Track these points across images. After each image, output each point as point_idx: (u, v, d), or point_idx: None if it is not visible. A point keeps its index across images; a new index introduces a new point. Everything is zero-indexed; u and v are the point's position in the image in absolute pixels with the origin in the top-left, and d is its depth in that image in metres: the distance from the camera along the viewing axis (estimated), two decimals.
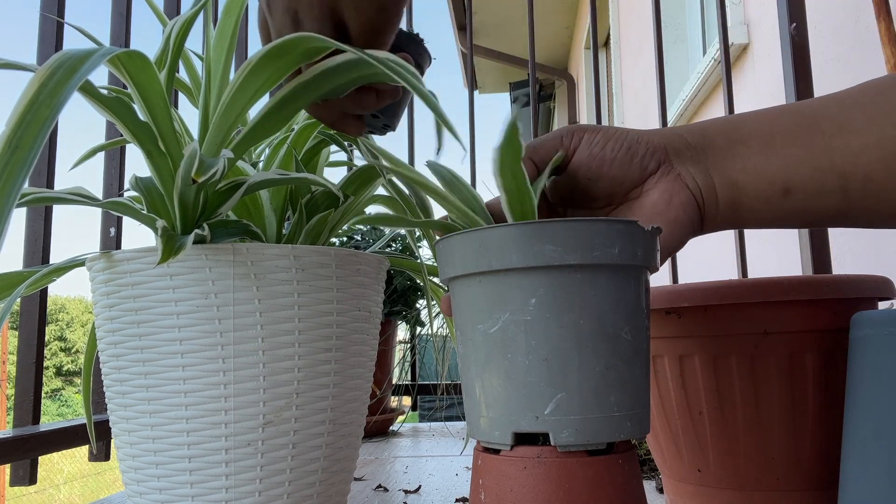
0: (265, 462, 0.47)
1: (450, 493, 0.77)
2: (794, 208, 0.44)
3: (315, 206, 0.55)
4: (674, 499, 0.59)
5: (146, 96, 0.45)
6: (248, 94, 0.43)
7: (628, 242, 0.37)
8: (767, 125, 0.44)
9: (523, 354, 0.36)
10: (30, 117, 0.29)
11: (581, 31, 5.41)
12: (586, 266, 0.36)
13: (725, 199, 0.44)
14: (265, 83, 0.43)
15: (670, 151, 0.44)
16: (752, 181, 0.44)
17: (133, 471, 0.48)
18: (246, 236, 0.49)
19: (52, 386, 13.62)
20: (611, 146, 0.43)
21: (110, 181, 0.99)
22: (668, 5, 3.12)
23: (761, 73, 2.00)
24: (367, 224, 0.42)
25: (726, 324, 0.52)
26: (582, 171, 0.44)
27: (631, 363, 0.37)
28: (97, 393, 0.94)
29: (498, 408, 0.37)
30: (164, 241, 0.41)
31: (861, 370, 0.42)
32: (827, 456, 0.52)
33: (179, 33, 0.49)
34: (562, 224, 0.36)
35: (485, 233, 0.37)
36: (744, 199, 0.44)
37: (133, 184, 0.48)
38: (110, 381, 0.49)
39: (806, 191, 0.43)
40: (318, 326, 0.48)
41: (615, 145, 0.43)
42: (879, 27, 1.07)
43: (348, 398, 0.52)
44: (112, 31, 1.03)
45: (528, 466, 0.36)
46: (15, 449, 0.75)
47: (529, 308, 0.36)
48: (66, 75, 0.32)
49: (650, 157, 0.44)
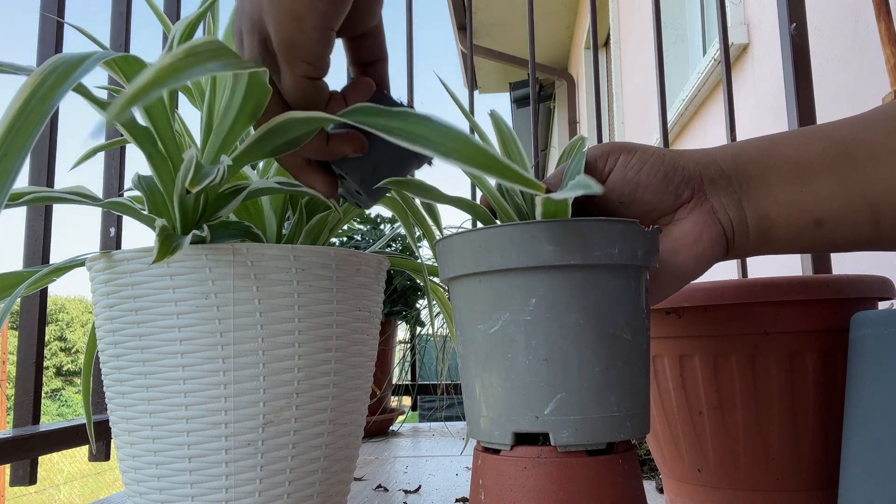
0: (265, 462, 0.47)
1: (450, 493, 0.77)
2: (825, 239, 0.43)
3: (315, 207, 0.55)
4: (674, 499, 0.59)
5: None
6: (252, 101, 0.43)
7: (628, 243, 0.37)
8: (800, 152, 0.43)
9: (523, 354, 0.36)
10: (19, 124, 0.29)
11: (581, 31, 5.41)
12: (586, 266, 0.36)
13: (756, 231, 0.44)
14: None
15: (705, 180, 0.43)
16: (785, 213, 0.43)
17: (133, 471, 0.48)
18: (246, 237, 0.49)
19: (52, 386, 13.62)
20: (646, 171, 0.42)
21: (110, 181, 0.99)
22: (668, 5, 3.12)
23: (761, 73, 2.00)
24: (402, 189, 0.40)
25: (726, 324, 0.52)
26: (615, 195, 0.43)
27: (631, 363, 0.37)
28: (97, 393, 0.94)
29: (498, 408, 0.37)
30: (160, 241, 0.41)
31: (861, 370, 0.42)
32: (827, 456, 0.52)
33: (182, 37, 0.49)
34: (562, 224, 0.36)
35: (485, 233, 0.37)
36: (775, 231, 0.43)
37: (136, 183, 0.48)
38: (110, 381, 0.49)
39: (838, 222, 0.43)
40: (318, 326, 0.48)
41: (651, 170, 0.43)
42: (879, 27, 1.07)
43: (348, 398, 0.52)
44: (112, 31, 1.03)
45: (529, 466, 0.36)
46: (15, 449, 0.75)
47: (529, 308, 0.36)
48: (58, 81, 0.32)
49: (685, 185, 0.43)
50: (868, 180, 0.42)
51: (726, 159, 0.44)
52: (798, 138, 0.44)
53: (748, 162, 0.44)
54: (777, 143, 0.45)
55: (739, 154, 0.44)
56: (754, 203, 0.43)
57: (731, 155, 0.44)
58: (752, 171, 0.43)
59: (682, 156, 0.44)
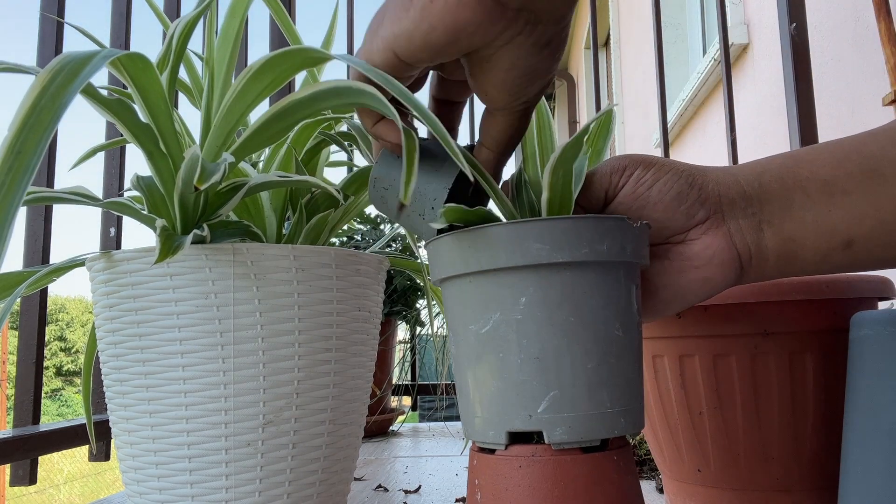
0: (265, 462, 0.47)
1: (450, 493, 0.77)
2: (853, 260, 0.42)
3: (315, 206, 0.55)
4: (674, 499, 0.59)
5: (147, 98, 0.45)
6: (249, 98, 0.43)
7: (617, 239, 0.37)
8: (826, 169, 0.41)
9: (515, 353, 0.36)
10: (32, 122, 0.29)
11: (581, 30, 5.41)
12: (575, 263, 0.36)
13: (778, 254, 0.42)
14: (266, 87, 0.43)
15: (724, 201, 0.41)
16: (811, 235, 0.41)
17: (133, 471, 0.48)
18: (246, 236, 0.49)
19: (52, 386, 13.62)
20: (658, 187, 0.41)
21: (110, 181, 0.99)
22: (668, 5, 3.12)
23: (761, 73, 2.00)
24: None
25: (726, 324, 0.52)
26: (622, 209, 0.42)
27: (623, 359, 0.37)
28: (97, 393, 0.94)
29: (491, 407, 0.37)
30: (162, 241, 0.42)
31: (861, 370, 0.42)
32: (827, 456, 0.52)
33: (182, 35, 0.49)
34: (548, 222, 0.36)
35: (473, 233, 0.37)
36: (801, 253, 0.41)
37: (135, 183, 0.48)
38: (110, 381, 0.49)
39: (869, 243, 0.41)
40: (318, 326, 0.48)
41: (663, 187, 0.41)
42: (879, 27, 1.07)
43: (348, 398, 0.52)
44: (112, 31, 1.03)
45: (523, 465, 0.36)
46: (15, 449, 0.75)
47: (520, 307, 0.36)
48: (68, 79, 0.32)
49: (699, 205, 0.41)
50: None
51: (749, 178, 0.42)
52: (824, 154, 0.42)
53: (772, 180, 0.42)
54: (801, 159, 0.42)
55: (763, 173, 0.42)
56: (777, 226, 0.41)
57: (755, 175, 0.42)
58: (776, 189, 0.41)
59: (704, 174, 0.42)
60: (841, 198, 0.40)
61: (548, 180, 0.38)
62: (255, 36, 1.30)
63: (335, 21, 0.67)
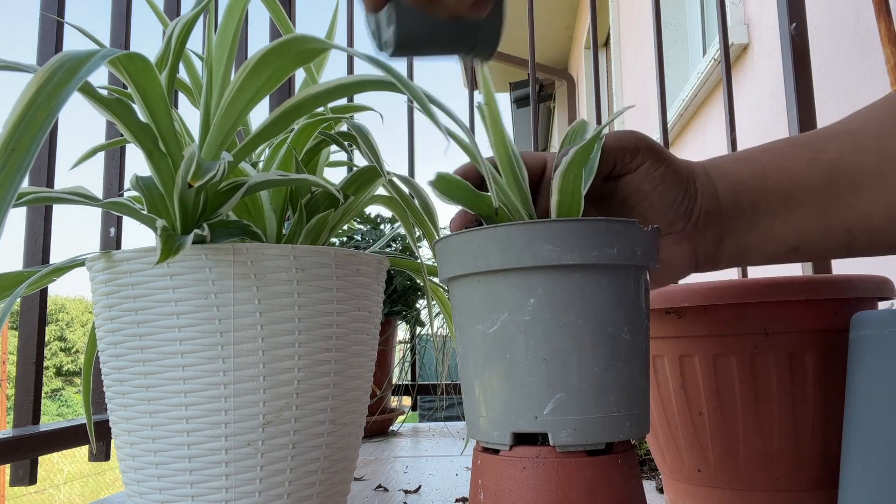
0: (265, 462, 0.47)
1: (450, 494, 0.77)
2: (797, 259, 0.46)
3: (315, 206, 0.55)
4: (674, 499, 0.59)
5: (147, 97, 0.45)
6: (247, 95, 0.43)
7: (627, 242, 0.37)
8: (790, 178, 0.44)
9: (522, 354, 0.36)
10: (27, 119, 0.29)
11: (581, 31, 5.41)
12: (585, 266, 0.36)
13: (730, 258, 0.46)
14: (265, 84, 0.43)
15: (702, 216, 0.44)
16: (765, 243, 0.45)
17: (133, 471, 0.48)
18: (246, 236, 0.49)
19: (52, 386, 13.62)
20: (660, 190, 0.43)
21: (110, 181, 0.99)
22: (668, 5, 3.12)
23: (761, 73, 2.00)
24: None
25: (726, 324, 0.52)
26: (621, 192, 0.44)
27: (630, 363, 0.37)
28: (97, 393, 0.94)
29: (497, 408, 0.37)
30: (163, 241, 0.42)
31: (861, 370, 0.42)
32: (827, 456, 0.52)
33: (181, 34, 0.49)
34: (560, 224, 0.36)
35: (483, 232, 0.37)
36: (750, 258, 0.46)
37: (134, 183, 0.48)
38: (110, 381, 0.49)
39: (813, 248, 0.45)
40: (318, 326, 0.48)
41: (665, 191, 0.43)
42: (879, 27, 1.07)
43: (348, 398, 0.52)
44: (112, 30, 1.03)
45: (528, 466, 0.36)
46: (15, 449, 0.75)
47: (528, 308, 0.36)
48: (65, 78, 0.32)
49: (684, 218, 0.44)
50: (846, 208, 0.43)
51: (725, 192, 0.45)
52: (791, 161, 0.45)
53: (742, 192, 0.45)
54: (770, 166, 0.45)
55: (736, 183, 0.45)
56: (738, 238, 0.45)
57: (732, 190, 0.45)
58: (746, 204, 0.45)
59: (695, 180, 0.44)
60: (796, 207, 0.44)
61: (558, 183, 0.39)
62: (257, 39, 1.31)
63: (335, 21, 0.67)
